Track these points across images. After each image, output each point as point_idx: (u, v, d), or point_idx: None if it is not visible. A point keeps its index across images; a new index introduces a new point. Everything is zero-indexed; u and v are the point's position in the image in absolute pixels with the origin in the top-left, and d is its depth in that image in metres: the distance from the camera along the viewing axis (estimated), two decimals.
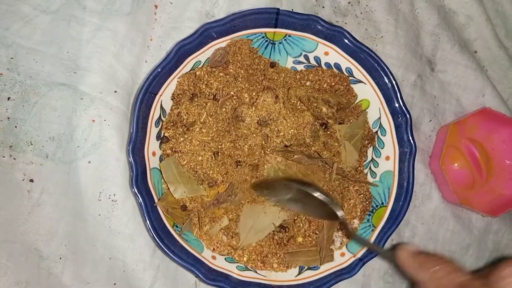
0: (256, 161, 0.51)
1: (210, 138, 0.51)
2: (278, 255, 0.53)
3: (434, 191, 0.65)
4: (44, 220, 0.50)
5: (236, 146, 0.51)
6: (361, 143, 0.56)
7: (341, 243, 0.55)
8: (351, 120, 0.56)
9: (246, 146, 0.51)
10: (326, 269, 0.53)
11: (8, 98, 0.50)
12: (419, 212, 0.64)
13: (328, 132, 0.54)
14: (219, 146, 0.51)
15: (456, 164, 0.63)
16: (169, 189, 0.50)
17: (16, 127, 0.50)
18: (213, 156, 0.51)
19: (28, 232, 0.49)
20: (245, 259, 0.52)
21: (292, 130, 0.51)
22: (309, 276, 0.52)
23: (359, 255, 0.53)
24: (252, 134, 0.51)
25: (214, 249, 0.52)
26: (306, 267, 0.53)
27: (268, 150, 0.51)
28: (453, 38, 0.67)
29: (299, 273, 0.53)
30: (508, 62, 0.70)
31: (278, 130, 0.51)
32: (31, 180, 0.50)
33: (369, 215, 0.55)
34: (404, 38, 0.65)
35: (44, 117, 0.51)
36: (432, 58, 0.67)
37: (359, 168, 0.56)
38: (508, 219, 0.69)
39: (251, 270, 0.52)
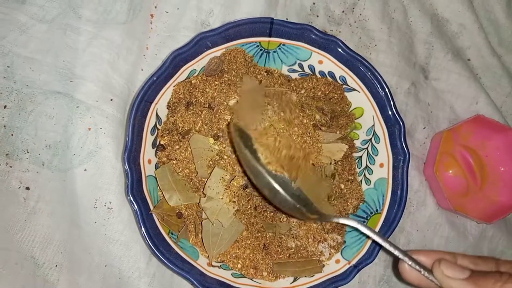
0: None
1: None
2: (267, 263, 0.53)
3: (429, 198, 0.65)
4: (40, 228, 0.50)
5: None
6: None
7: (330, 254, 0.55)
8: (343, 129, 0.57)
9: None
10: (321, 276, 0.53)
11: (5, 107, 0.50)
12: (414, 219, 0.64)
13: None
14: None
15: (450, 171, 0.63)
16: (164, 196, 0.50)
17: (12, 135, 0.50)
18: None
19: (24, 239, 0.49)
20: (239, 266, 0.53)
21: None
22: (304, 283, 0.52)
23: (354, 262, 0.53)
24: None
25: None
26: None
27: None
28: (446, 46, 0.68)
29: (294, 280, 0.53)
30: (501, 70, 0.71)
31: None
32: (27, 188, 0.50)
33: (364, 221, 0.55)
34: (398, 46, 0.65)
35: (40, 125, 0.51)
36: (425, 66, 0.68)
37: (349, 177, 0.57)
38: (503, 225, 0.69)
39: (246, 278, 0.52)
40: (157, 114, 0.51)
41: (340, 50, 0.54)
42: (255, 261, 0.53)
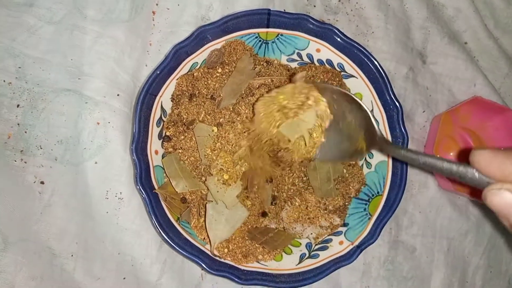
0: None
1: None
2: (256, 248, 0.55)
3: (430, 180, 0.67)
4: (55, 220, 0.52)
5: None
6: None
7: (317, 235, 0.57)
8: None
9: None
10: (325, 257, 0.55)
11: (18, 106, 0.53)
12: (416, 201, 0.66)
13: None
14: None
15: (451, 153, 0.64)
16: (171, 183, 0.52)
17: (26, 132, 0.52)
18: None
19: (40, 231, 0.51)
20: (226, 250, 0.54)
21: None
22: (309, 264, 0.54)
23: (357, 242, 0.55)
24: None
25: (204, 238, 0.54)
26: (306, 255, 0.55)
27: None
28: (443, 30, 0.69)
29: (300, 261, 0.55)
30: (498, 51, 0.72)
31: None
32: (42, 182, 0.52)
33: (366, 204, 0.57)
34: (394, 32, 0.67)
35: (52, 122, 0.53)
36: (423, 51, 0.69)
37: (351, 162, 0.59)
38: None
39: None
40: (162, 107, 0.53)
41: (336, 38, 0.55)
42: (244, 249, 0.54)
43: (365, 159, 0.59)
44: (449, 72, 0.69)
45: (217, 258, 0.52)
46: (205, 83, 0.54)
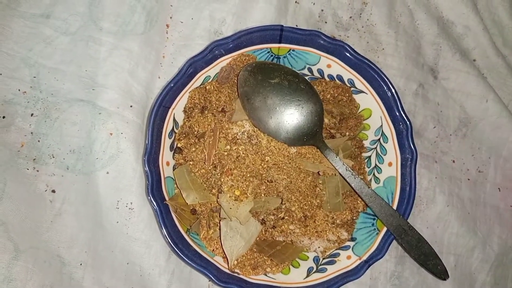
0: None
1: None
2: (265, 260, 0.55)
3: (438, 196, 0.67)
4: (66, 228, 0.52)
5: None
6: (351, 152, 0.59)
7: (324, 249, 0.57)
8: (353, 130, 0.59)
9: None
10: (333, 271, 0.55)
11: (32, 114, 0.53)
12: (423, 217, 0.66)
13: None
14: None
15: None
16: (182, 194, 0.52)
17: (39, 141, 0.53)
18: None
19: (51, 239, 0.52)
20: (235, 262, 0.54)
21: None
22: (316, 278, 0.54)
23: (364, 257, 0.55)
24: None
25: (213, 250, 0.54)
26: (314, 269, 0.56)
27: None
28: (454, 47, 0.70)
29: (307, 275, 0.55)
30: (506, 69, 0.72)
31: None
32: (53, 191, 0.53)
33: (374, 219, 0.57)
34: (405, 49, 0.67)
35: (65, 131, 0.54)
36: (434, 67, 0.69)
37: (359, 176, 0.59)
38: None
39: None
40: (174, 119, 0.54)
41: (347, 54, 0.56)
42: (252, 261, 0.55)
43: (374, 173, 0.60)
44: (461, 87, 0.70)
45: (225, 270, 0.53)
46: (217, 96, 0.55)
